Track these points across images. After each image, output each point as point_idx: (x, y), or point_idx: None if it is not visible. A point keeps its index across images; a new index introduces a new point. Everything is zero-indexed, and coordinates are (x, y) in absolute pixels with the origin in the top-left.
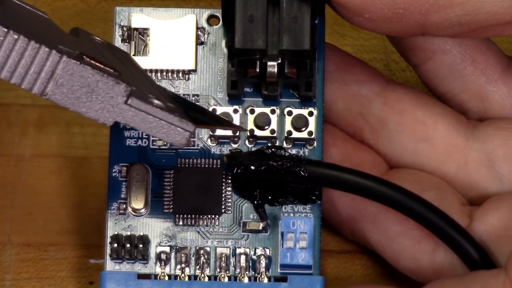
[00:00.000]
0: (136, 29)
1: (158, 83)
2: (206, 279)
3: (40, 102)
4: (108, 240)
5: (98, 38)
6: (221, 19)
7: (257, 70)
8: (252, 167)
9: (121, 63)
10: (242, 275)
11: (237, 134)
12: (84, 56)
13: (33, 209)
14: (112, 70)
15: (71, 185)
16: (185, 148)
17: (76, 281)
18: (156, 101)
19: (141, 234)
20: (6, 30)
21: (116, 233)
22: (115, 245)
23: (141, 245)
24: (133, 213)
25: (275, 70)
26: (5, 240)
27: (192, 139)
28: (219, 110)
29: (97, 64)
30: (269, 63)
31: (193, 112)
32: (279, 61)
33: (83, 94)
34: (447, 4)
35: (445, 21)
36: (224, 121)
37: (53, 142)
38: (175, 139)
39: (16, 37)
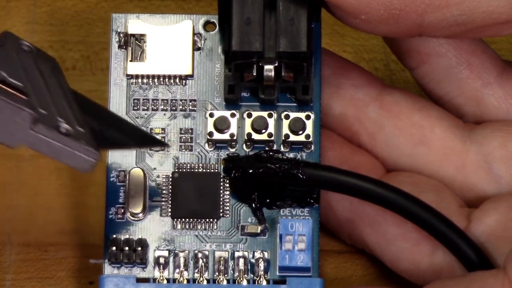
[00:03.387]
0: (133, 35)
1: (155, 88)
2: (205, 282)
3: None
4: (107, 244)
5: (27, 44)
6: (217, 24)
7: (254, 74)
8: (250, 170)
9: (40, 75)
10: (241, 278)
11: (235, 138)
12: None
13: (33, 209)
14: (20, 95)
15: (71, 185)
16: (183, 151)
17: (76, 281)
18: (64, 126)
19: (140, 238)
20: None
21: (114, 237)
22: (114, 249)
23: (139, 249)
24: (131, 217)
25: (272, 74)
26: (5, 240)
27: (189, 144)
28: (216, 114)
29: (5, 88)
30: (266, 66)
31: (111, 130)
32: (276, 64)
33: None
34: (443, 4)
35: (442, 21)
36: (146, 140)
37: None
38: (80, 165)
39: None
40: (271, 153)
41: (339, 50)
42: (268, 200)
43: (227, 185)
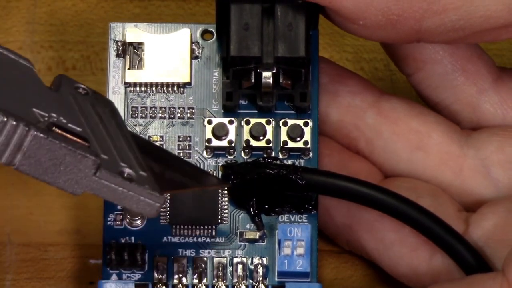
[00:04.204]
0: (131, 43)
1: (153, 96)
2: None
3: None
4: (105, 249)
5: (83, 86)
6: (215, 32)
7: (252, 81)
8: (249, 176)
9: (99, 119)
10: (240, 284)
11: (233, 145)
12: (54, 127)
13: (33, 209)
14: (81, 141)
15: None
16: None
17: (76, 281)
18: (127, 170)
19: (138, 243)
20: None
21: (113, 242)
22: (113, 254)
23: (138, 255)
24: (129, 224)
25: (270, 80)
26: (5, 240)
27: (188, 151)
28: (215, 121)
29: (66, 135)
30: (264, 73)
31: (171, 172)
32: (274, 71)
33: (51, 166)
34: (441, 9)
35: (440, 27)
36: (204, 179)
37: None
38: (145, 210)
39: None
40: (269, 160)
41: (339, 50)
42: (266, 207)
43: (225, 191)
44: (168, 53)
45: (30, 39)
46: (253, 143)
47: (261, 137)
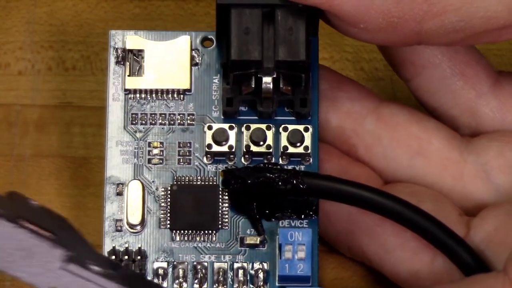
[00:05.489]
0: (131, 50)
1: (153, 103)
2: None
3: (40, 102)
4: (105, 255)
5: (35, 203)
6: (215, 38)
7: (253, 86)
8: (249, 181)
9: (59, 228)
10: None
11: (233, 151)
12: (20, 219)
13: None
14: (49, 234)
15: (71, 185)
16: (181, 164)
17: None
18: (95, 267)
19: (139, 248)
20: None
21: (113, 247)
22: (113, 259)
23: (138, 260)
24: (129, 229)
25: (271, 86)
26: None
27: (188, 157)
28: (215, 127)
29: (34, 227)
30: (265, 79)
31: (134, 282)
32: (275, 76)
33: (19, 258)
34: (441, 11)
35: (440, 28)
36: None
37: (53, 142)
38: None
39: None
40: (269, 165)
41: (339, 50)
42: (267, 212)
43: (226, 197)
44: (168, 60)
45: (30, 39)
46: (254, 148)
47: (261, 143)
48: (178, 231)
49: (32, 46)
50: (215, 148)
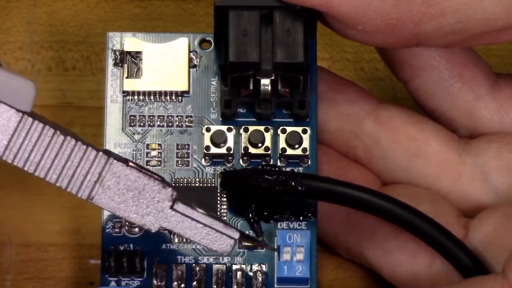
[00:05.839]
0: (129, 52)
1: (151, 105)
2: None
3: (40, 102)
4: (104, 255)
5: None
6: (213, 41)
7: (251, 88)
8: (248, 183)
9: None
10: None
11: (232, 152)
12: (129, 161)
13: (33, 209)
14: (156, 175)
15: None
16: (179, 166)
17: (76, 281)
18: (198, 209)
19: (137, 249)
20: (53, 130)
21: (112, 248)
22: (112, 260)
23: (137, 262)
24: (128, 231)
25: (269, 87)
26: (5, 240)
27: (186, 159)
28: (213, 129)
29: (141, 168)
30: (263, 81)
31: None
32: (273, 77)
33: (129, 198)
34: (439, 12)
35: (438, 30)
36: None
37: None
38: (220, 246)
39: (63, 137)
40: (268, 167)
41: (339, 50)
42: (265, 213)
43: (224, 199)
44: (166, 62)
45: (30, 39)
46: (252, 150)
47: (260, 145)
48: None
49: (32, 46)
50: (213, 150)
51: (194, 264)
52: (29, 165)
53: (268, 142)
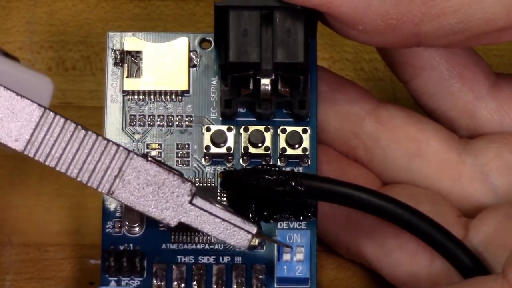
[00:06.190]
0: (129, 52)
1: (151, 104)
2: None
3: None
4: (104, 256)
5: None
6: (213, 40)
7: (251, 88)
8: (248, 183)
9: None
10: None
11: (232, 152)
12: (148, 156)
13: (33, 209)
14: (175, 170)
15: (71, 186)
16: (179, 166)
17: (76, 281)
18: (216, 204)
19: (137, 250)
20: (75, 125)
21: (112, 248)
22: (112, 261)
23: (137, 261)
24: (128, 231)
25: (269, 87)
26: (5, 241)
27: (186, 159)
28: (213, 128)
29: (161, 163)
30: (263, 80)
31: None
32: (273, 77)
33: (149, 193)
34: (440, 12)
35: (439, 30)
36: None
37: None
38: (237, 241)
39: (85, 132)
40: (268, 167)
41: (339, 50)
42: (265, 213)
43: (224, 198)
44: (166, 62)
45: (30, 39)
46: (252, 150)
47: (260, 144)
48: (177, 232)
49: (32, 46)
50: (214, 149)
51: (194, 264)
52: (50, 160)
53: (268, 142)
